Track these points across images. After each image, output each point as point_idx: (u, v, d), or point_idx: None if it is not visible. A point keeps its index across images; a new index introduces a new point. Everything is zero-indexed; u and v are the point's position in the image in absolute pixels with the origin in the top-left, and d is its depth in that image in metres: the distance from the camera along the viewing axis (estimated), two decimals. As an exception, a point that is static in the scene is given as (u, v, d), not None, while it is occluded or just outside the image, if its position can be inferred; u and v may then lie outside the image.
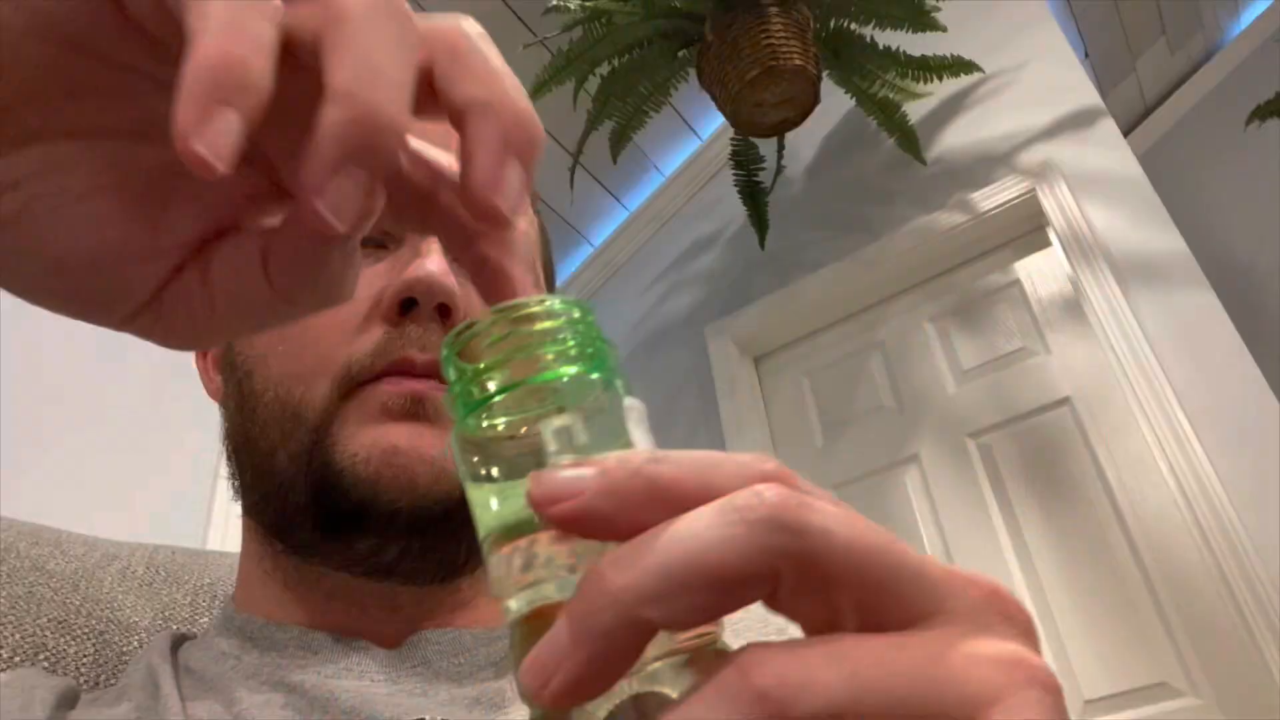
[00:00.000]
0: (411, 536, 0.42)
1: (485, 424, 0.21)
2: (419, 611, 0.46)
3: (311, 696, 0.40)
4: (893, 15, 2.03)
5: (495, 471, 0.21)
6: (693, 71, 2.08)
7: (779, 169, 2.39)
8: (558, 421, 0.20)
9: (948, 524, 1.99)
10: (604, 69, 2.07)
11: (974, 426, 2.05)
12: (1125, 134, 2.30)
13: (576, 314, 0.22)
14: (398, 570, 0.44)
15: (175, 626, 0.54)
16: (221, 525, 1.77)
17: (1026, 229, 2.15)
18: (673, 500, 0.17)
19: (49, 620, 0.49)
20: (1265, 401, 1.66)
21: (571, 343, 0.21)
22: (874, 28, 2.07)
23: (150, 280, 0.22)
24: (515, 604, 0.19)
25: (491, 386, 0.20)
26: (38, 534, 0.55)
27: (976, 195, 2.16)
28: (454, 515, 0.42)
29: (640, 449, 0.18)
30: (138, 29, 0.20)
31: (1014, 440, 1.98)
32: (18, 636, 0.48)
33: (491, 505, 0.20)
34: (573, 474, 0.17)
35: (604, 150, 2.22)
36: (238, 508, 0.49)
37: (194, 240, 0.23)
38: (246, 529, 0.49)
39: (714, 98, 2.02)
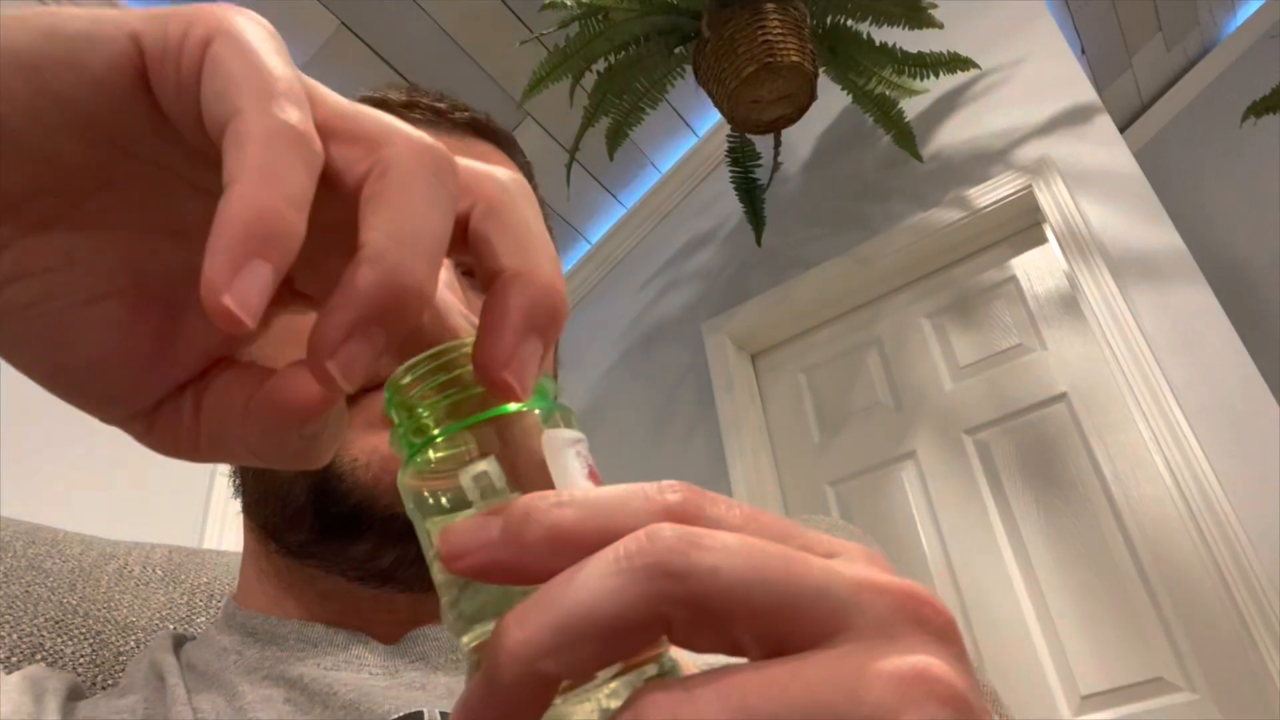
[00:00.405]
0: (408, 542, 0.42)
1: (427, 465, 0.21)
2: (415, 614, 0.46)
3: (311, 690, 0.40)
4: (889, 12, 2.03)
5: (437, 512, 0.21)
6: (689, 68, 2.07)
7: (776, 166, 2.38)
8: (476, 468, 0.20)
9: (945, 520, 2.00)
10: (600, 65, 2.07)
11: (971, 423, 2.05)
12: (1121, 130, 2.31)
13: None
14: (394, 577, 0.44)
15: (172, 626, 0.54)
16: (218, 524, 1.77)
17: (1023, 225, 2.15)
18: (573, 545, 0.17)
19: (46, 620, 0.49)
20: (1261, 397, 1.66)
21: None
22: (870, 24, 2.07)
23: (148, 395, 0.23)
24: (465, 641, 0.20)
25: (431, 428, 0.21)
26: (34, 533, 0.55)
27: (973, 192, 2.16)
28: None
29: (550, 493, 0.19)
30: (173, 132, 0.20)
31: (1010, 436, 1.99)
32: (15, 636, 0.48)
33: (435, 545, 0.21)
34: (476, 527, 0.18)
35: (600, 147, 2.22)
36: (234, 507, 0.49)
37: (200, 361, 0.23)
38: (246, 528, 0.49)
39: (710, 94, 2.02)
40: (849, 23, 2.08)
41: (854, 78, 2.16)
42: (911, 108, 2.26)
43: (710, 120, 2.75)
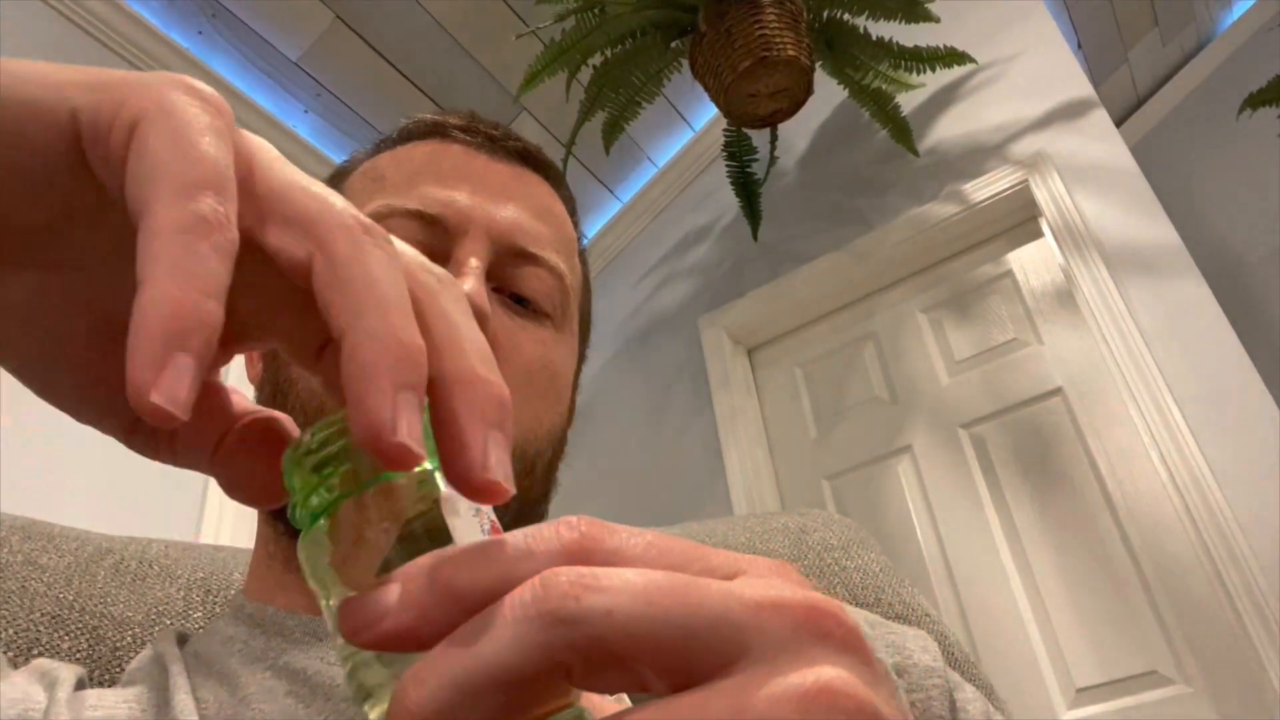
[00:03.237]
0: None
1: (320, 536, 0.21)
2: None
3: (314, 683, 0.40)
4: (886, 6, 2.03)
5: (335, 583, 0.21)
6: (685, 62, 2.07)
7: (772, 160, 2.38)
8: (371, 534, 0.20)
9: (941, 514, 2.00)
10: (596, 60, 2.06)
11: (967, 417, 2.05)
12: (1118, 125, 2.31)
13: None
14: None
15: (169, 621, 0.54)
16: (214, 520, 1.77)
17: (1019, 220, 2.15)
18: (472, 600, 0.18)
19: (42, 615, 0.49)
20: (1256, 391, 1.67)
21: None
22: (867, 19, 2.07)
23: (126, 414, 0.24)
24: (369, 713, 0.20)
25: (320, 499, 0.21)
26: (30, 529, 0.55)
27: (969, 186, 2.17)
28: None
29: (445, 550, 0.19)
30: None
31: (1006, 430, 1.99)
32: (11, 632, 0.48)
33: (334, 614, 0.20)
34: (373, 600, 0.18)
35: (597, 141, 2.22)
36: (230, 504, 0.50)
37: None
38: (259, 513, 0.49)
39: (707, 89, 2.02)
40: (845, 17, 2.08)
41: (850, 72, 2.16)
42: (907, 102, 2.26)
43: (706, 115, 2.74)
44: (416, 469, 0.20)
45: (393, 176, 0.53)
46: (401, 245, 0.22)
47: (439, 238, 0.49)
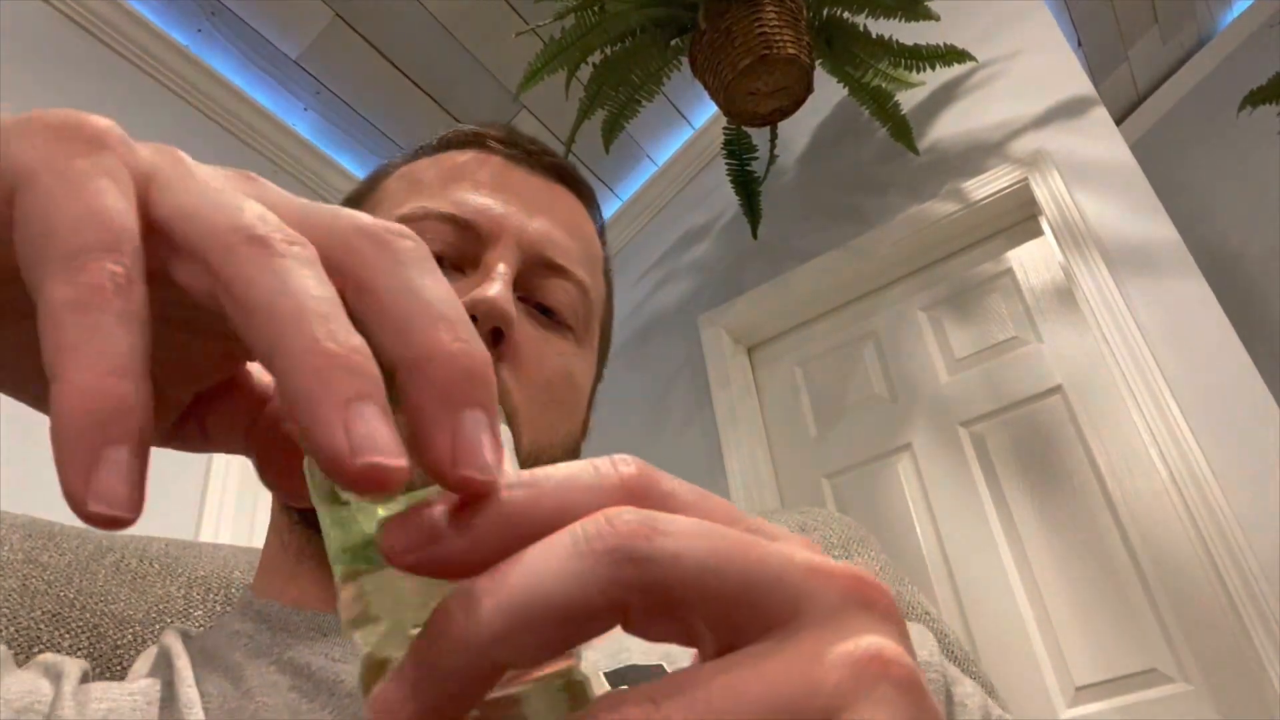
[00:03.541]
0: None
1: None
2: None
3: (318, 679, 0.41)
4: (885, 4, 2.03)
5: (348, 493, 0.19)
6: (685, 60, 2.07)
7: (772, 158, 2.38)
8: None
9: (940, 513, 2.00)
10: (596, 57, 2.06)
11: (966, 415, 2.05)
12: (1118, 123, 2.31)
13: None
14: None
15: (170, 619, 0.54)
16: (214, 518, 1.77)
17: (1019, 218, 2.15)
18: (527, 529, 0.17)
19: (43, 614, 0.49)
20: (1256, 389, 1.67)
21: None
22: (867, 17, 2.07)
23: (161, 426, 0.23)
24: (364, 638, 0.19)
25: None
26: (31, 527, 0.55)
27: (969, 184, 2.16)
28: None
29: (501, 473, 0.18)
30: None
31: (1006, 429, 1.99)
32: (12, 630, 0.48)
33: (343, 528, 0.19)
34: (423, 518, 0.17)
35: (596, 139, 2.22)
36: (230, 502, 0.50)
37: (188, 395, 0.23)
38: (273, 501, 0.50)
39: (707, 87, 2.02)
40: (845, 15, 2.08)
41: (850, 70, 2.16)
42: (907, 100, 2.26)
43: (706, 113, 2.74)
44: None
45: (429, 180, 0.54)
46: (328, 210, 0.20)
47: (470, 242, 0.50)
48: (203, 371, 0.23)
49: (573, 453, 0.54)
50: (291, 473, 0.22)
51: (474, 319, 0.45)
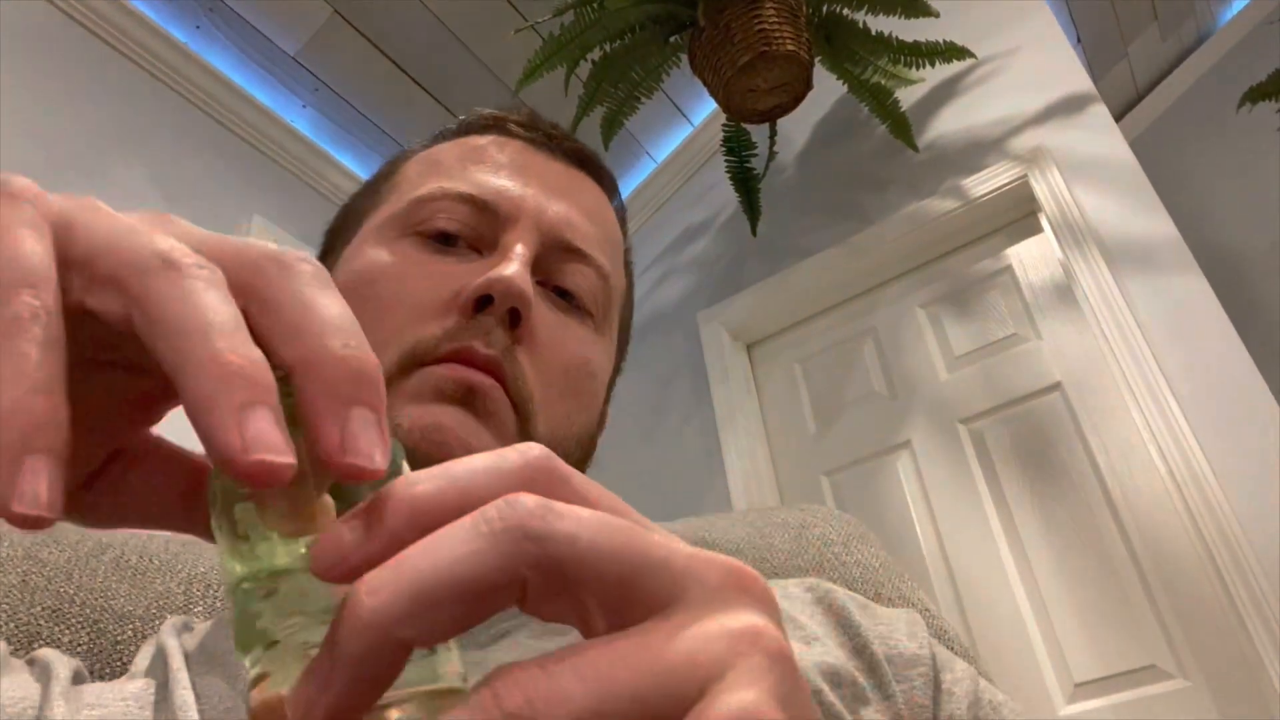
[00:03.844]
0: None
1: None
2: None
3: None
4: (885, 1, 2.02)
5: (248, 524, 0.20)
6: (685, 57, 2.07)
7: (771, 155, 2.38)
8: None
9: (939, 509, 2.00)
10: (595, 54, 2.06)
11: (966, 412, 2.05)
12: (1117, 119, 2.31)
13: None
14: None
15: (169, 615, 0.54)
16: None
17: (1018, 215, 2.15)
18: (437, 519, 0.18)
19: (43, 609, 0.49)
20: (1255, 386, 1.67)
21: None
22: (866, 13, 2.07)
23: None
24: (253, 659, 0.20)
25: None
26: (30, 523, 0.54)
27: (968, 181, 2.16)
28: None
29: (401, 478, 0.19)
30: None
31: (1005, 426, 1.99)
32: (12, 625, 0.48)
33: (243, 560, 0.20)
34: (342, 532, 0.18)
35: (595, 136, 2.21)
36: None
37: (98, 457, 0.23)
38: None
39: (706, 83, 2.02)
40: (844, 11, 2.08)
41: (849, 67, 2.16)
42: (907, 97, 2.26)
43: (706, 109, 2.74)
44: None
45: (448, 162, 0.53)
46: (238, 240, 0.21)
47: (488, 224, 0.50)
48: (114, 420, 0.23)
49: (588, 447, 0.53)
50: None
51: (490, 299, 0.45)
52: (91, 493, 0.23)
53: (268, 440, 0.17)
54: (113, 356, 0.22)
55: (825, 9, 2.06)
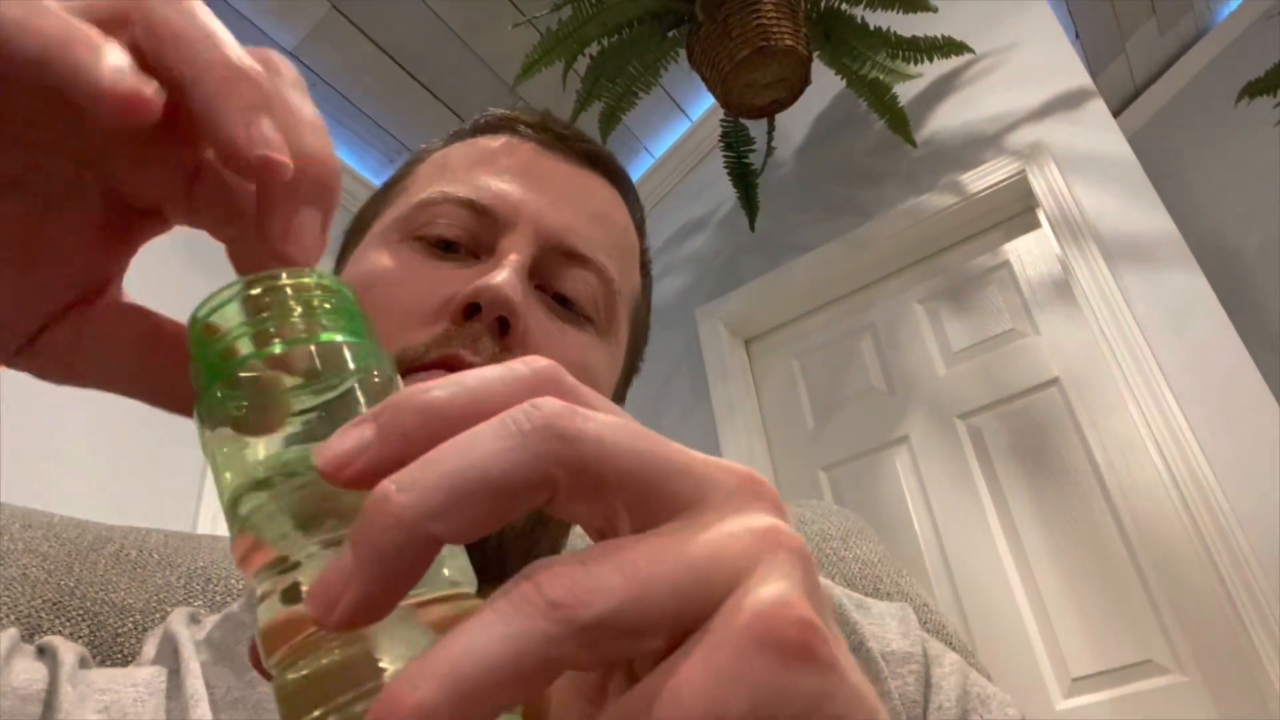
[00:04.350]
0: None
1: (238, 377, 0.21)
2: None
3: None
4: (884, -5, 2.02)
5: (247, 431, 0.20)
6: (683, 52, 2.07)
7: (769, 150, 2.38)
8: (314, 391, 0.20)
9: (937, 504, 2.00)
10: (593, 49, 2.06)
11: (964, 407, 2.06)
12: (1115, 115, 2.30)
13: (329, 284, 0.22)
14: None
15: (169, 609, 0.54)
16: (211, 512, 1.77)
17: (1016, 210, 2.15)
18: (452, 424, 0.18)
19: (44, 602, 0.49)
20: (1253, 382, 1.67)
21: (329, 306, 0.21)
22: (864, 8, 2.06)
23: (18, 332, 0.24)
24: (256, 575, 0.20)
25: (243, 350, 0.21)
26: (29, 517, 0.55)
27: (966, 177, 2.16)
28: None
29: (416, 385, 0.19)
30: None
31: (1003, 421, 1.99)
32: (13, 618, 0.48)
33: (240, 460, 0.20)
34: (352, 434, 0.18)
35: (594, 131, 2.21)
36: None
37: (61, 298, 0.24)
38: None
39: (704, 78, 2.02)
40: (843, 7, 2.08)
41: (848, 62, 2.15)
42: (905, 92, 2.26)
43: (704, 104, 2.74)
44: (351, 339, 0.21)
45: (455, 165, 0.53)
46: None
47: (487, 228, 0.49)
48: (82, 251, 0.24)
49: None
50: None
51: (478, 307, 0.45)
52: (57, 334, 0.24)
53: (271, 138, 0.19)
54: (75, 173, 0.23)
55: (824, 4, 2.06)
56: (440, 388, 0.18)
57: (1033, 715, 1.72)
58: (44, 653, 0.41)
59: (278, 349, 0.20)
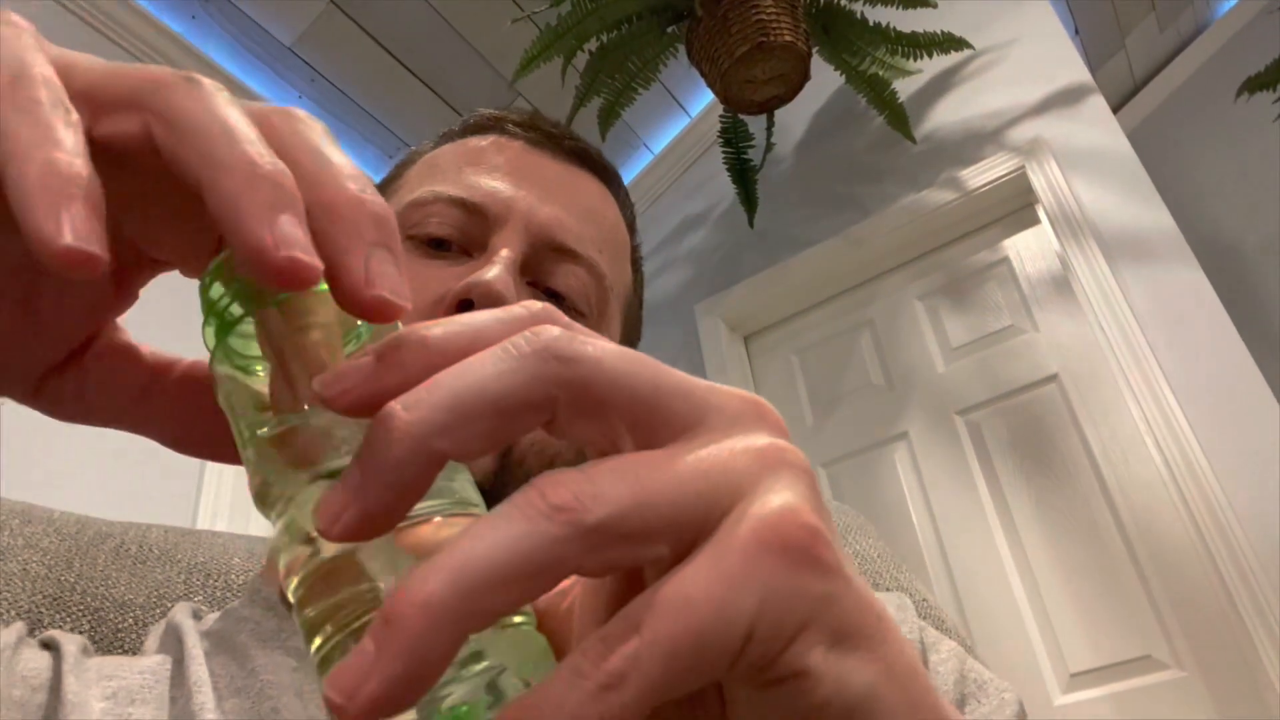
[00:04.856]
0: None
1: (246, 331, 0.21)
2: None
3: None
4: (883, -9, 2.02)
5: (260, 371, 0.21)
6: (682, 48, 2.06)
7: (768, 146, 2.38)
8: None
9: (936, 501, 2.01)
10: (592, 44, 2.05)
11: (963, 404, 2.06)
12: (1115, 111, 2.30)
13: None
14: None
15: (170, 604, 0.54)
16: (210, 507, 1.77)
17: (1015, 206, 2.15)
18: (451, 355, 0.18)
19: (44, 597, 0.49)
20: (1251, 378, 1.67)
21: None
22: (864, 4, 2.06)
23: (25, 377, 0.24)
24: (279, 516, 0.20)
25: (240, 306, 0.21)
26: (29, 512, 0.55)
27: (966, 173, 2.16)
28: None
29: (417, 324, 0.19)
30: None
31: (1002, 417, 2.00)
32: (13, 613, 0.48)
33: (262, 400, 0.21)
34: (352, 364, 0.18)
35: (592, 127, 2.21)
36: (226, 493, 0.50)
37: (65, 343, 0.24)
38: None
39: (703, 74, 2.01)
40: (842, 2, 2.07)
41: (847, 58, 2.15)
42: (904, 88, 2.26)
43: (703, 101, 2.74)
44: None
45: (446, 165, 0.54)
46: (244, 101, 0.22)
47: (479, 226, 0.50)
48: (93, 295, 0.24)
49: (582, 453, 0.53)
50: (206, 437, 0.24)
51: (470, 304, 0.45)
52: (64, 379, 0.24)
53: (297, 239, 0.18)
54: None
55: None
56: (439, 325, 0.19)
57: (1032, 710, 1.72)
58: (48, 646, 0.42)
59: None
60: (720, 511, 0.18)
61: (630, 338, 0.61)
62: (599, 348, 0.19)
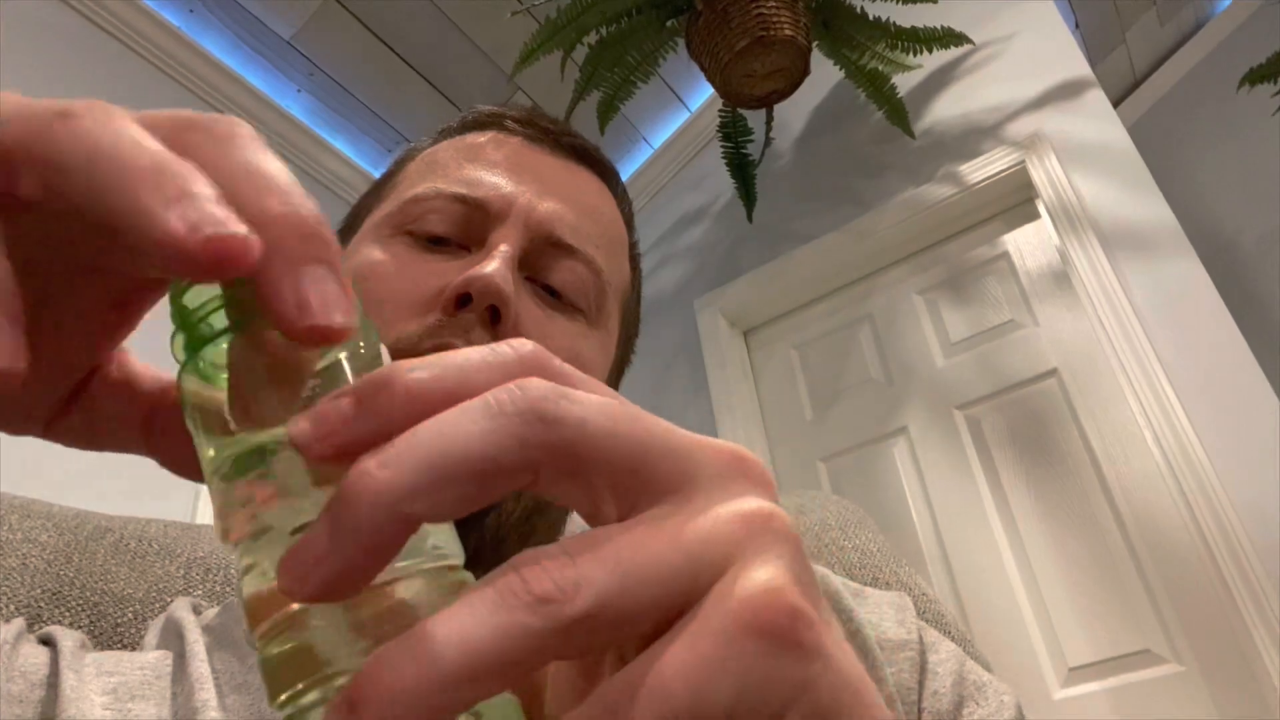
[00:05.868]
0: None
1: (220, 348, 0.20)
2: None
3: None
4: (883, -15, 2.02)
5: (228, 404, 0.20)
6: (681, 42, 2.06)
7: (768, 141, 2.37)
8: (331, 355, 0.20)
9: (936, 495, 2.01)
10: (592, 38, 2.05)
11: (962, 398, 2.06)
12: (1115, 105, 2.30)
13: None
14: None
15: (169, 599, 0.54)
16: (209, 505, 1.77)
17: (1015, 201, 2.15)
18: (434, 405, 0.17)
19: (43, 592, 0.49)
20: (1251, 372, 1.67)
21: None
22: (864, -2, 2.06)
23: (33, 417, 0.23)
24: (242, 549, 0.19)
25: (226, 319, 0.20)
26: (28, 507, 0.55)
27: (965, 167, 2.16)
28: None
29: (401, 362, 0.18)
30: None
31: (1002, 412, 2.00)
32: (12, 608, 0.48)
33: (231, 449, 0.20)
34: (330, 407, 0.17)
35: (591, 121, 2.20)
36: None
37: (67, 381, 0.23)
38: None
39: (703, 68, 2.01)
40: (843, -4, 2.07)
41: (847, 52, 2.15)
42: (904, 83, 2.25)
43: (703, 94, 2.73)
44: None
45: (445, 162, 0.54)
46: (159, 112, 0.20)
47: (478, 222, 0.50)
48: (92, 327, 0.23)
49: None
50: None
51: (469, 298, 0.45)
52: (73, 410, 0.23)
53: (213, 216, 0.17)
54: (76, 259, 0.21)
55: (823, -7, 2.05)
56: (424, 367, 0.18)
57: (1030, 705, 1.72)
58: (45, 642, 0.42)
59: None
60: (704, 585, 0.17)
61: (628, 334, 0.61)
62: (585, 406, 0.18)
